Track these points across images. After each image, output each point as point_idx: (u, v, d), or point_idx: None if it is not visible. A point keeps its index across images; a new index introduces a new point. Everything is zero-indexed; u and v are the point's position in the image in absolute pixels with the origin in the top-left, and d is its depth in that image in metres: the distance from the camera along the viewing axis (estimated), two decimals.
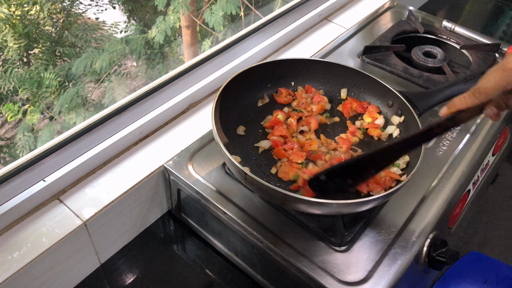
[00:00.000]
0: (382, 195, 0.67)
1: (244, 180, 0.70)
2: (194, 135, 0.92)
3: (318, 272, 0.69)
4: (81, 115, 2.46)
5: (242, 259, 0.83)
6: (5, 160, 2.61)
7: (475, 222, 1.32)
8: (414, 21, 1.24)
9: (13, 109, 2.50)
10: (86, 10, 3.12)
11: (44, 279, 0.74)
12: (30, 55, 2.70)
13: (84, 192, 0.81)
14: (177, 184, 0.84)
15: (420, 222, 0.78)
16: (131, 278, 0.84)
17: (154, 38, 2.63)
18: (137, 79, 2.91)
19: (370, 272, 0.70)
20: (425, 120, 0.96)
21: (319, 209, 0.69)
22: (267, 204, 0.78)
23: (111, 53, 2.61)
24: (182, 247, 0.90)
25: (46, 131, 2.47)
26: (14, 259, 0.70)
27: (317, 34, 1.25)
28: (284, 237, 0.73)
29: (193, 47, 2.73)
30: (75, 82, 2.61)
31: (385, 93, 0.88)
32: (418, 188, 0.83)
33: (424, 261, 0.77)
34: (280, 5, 1.42)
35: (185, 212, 0.90)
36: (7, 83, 2.49)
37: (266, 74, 0.90)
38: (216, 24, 2.48)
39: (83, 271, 0.82)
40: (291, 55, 1.17)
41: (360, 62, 1.13)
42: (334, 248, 0.73)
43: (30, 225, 0.75)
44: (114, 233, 0.84)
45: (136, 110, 0.89)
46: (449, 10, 1.73)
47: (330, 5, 1.31)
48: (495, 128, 0.98)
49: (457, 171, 0.87)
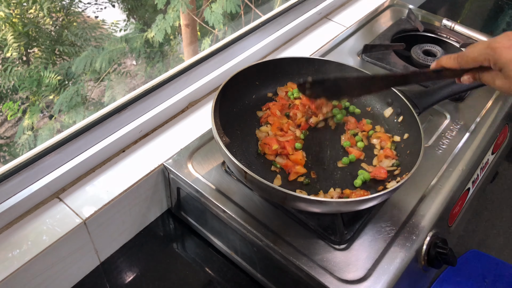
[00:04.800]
0: (382, 194, 0.67)
1: (244, 178, 0.70)
2: (193, 133, 0.92)
3: (318, 271, 0.69)
4: (81, 114, 2.46)
5: (242, 257, 0.83)
6: (5, 158, 2.61)
7: (474, 221, 1.32)
8: (414, 20, 1.24)
9: (12, 108, 2.50)
10: (85, 8, 3.12)
11: (44, 277, 0.74)
12: (29, 54, 2.70)
13: (84, 190, 0.81)
14: (176, 182, 0.85)
15: (419, 221, 0.78)
16: (131, 276, 0.84)
17: (153, 37, 2.62)
18: (137, 78, 2.91)
19: (369, 271, 0.70)
20: (425, 119, 0.96)
21: (318, 207, 0.69)
22: (267, 203, 0.79)
23: (110, 52, 2.61)
24: (182, 246, 0.90)
25: (46, 129, 2.47)
26: (14, 257, 0.70)
27: (317, 33, 1.25)
28: (283, 236, 0.73)
29: (193, 45, 2.73)
30: (74, 80, 2.60)
31: (385, 92, 0.88)
32: (418, 187, 0.83)
33: (424, 260, 0.77)
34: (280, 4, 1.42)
35: (184, 210, 0.90)
36: (6, 81, 2.49)
37: (266, 73, 0.90)
38: (216, 23, 2.48)
39: (82, 269, 0.83)
40: (291, 53, 1.17)
41: (359, 61, 1.13)
42: (333, 246, 0.73)
43: (30, 224, 0.75)
44: (113, 232, 0.84)
45: (135, 108, 0.89)
46: (449, 8, 1.73)
47: (330, 4, 1.31)
48: (494, 126, 0.98)
49: (457, 169, 0.87)
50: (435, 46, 1.14)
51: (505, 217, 1.35)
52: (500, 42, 0.61)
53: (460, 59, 0.65)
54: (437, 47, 1.14)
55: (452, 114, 0.98)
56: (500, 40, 0.61)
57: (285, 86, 0.92)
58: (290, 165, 0.79)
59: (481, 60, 0.63)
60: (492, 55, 0.61)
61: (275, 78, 0.92)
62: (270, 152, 0.80)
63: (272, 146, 0.80)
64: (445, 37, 1.21)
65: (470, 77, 0.66)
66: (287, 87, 0.92)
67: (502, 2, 1.76)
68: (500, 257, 1.22)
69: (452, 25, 1.23)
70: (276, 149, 0.80)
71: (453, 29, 1.23)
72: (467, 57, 0.64)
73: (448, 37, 1.21)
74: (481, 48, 0.63)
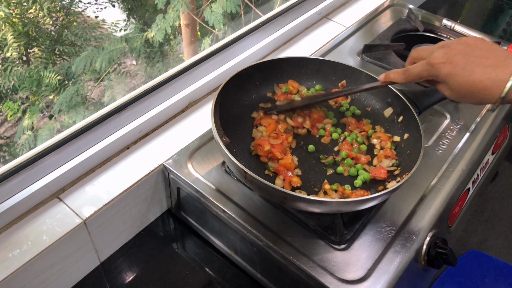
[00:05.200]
0: (382, 194, 0.67)
1: (244, 178, 0.70)
2: (193, 133, 0.92)
3: (318, 271, 0.69)
4: (80, 114, 2.46)
5: (242, 257, 0.83)
6: (5, 158, 2.61)
7: (474, 221, 1.32)
8: (414, 20, 1.24)
9: (12, 108, 2.50)
10: (85, 8, 3.12)
11: (44, 277, 0.74)
12: (29, 54, 2.70)
13: (83, 190, 0.81)
14: (176, 182, 0.85)
15: (419, 221, 0.78)
16: (131, 276, 0.84)
17: (153, 37, 2.62)
18: (137, 78, 2.91)
19: (369, 271, 0.70)
20: (425, 119, 0.96)
21: (318, 207, 0.69)
22: (267, 203, 0.79)
23: (110, 52, 2.61)
24: (182, 246, 0.90)
25: (45, 129, 2.47)
26: (14, 257, 0.70)
27: (317, 33, 1.25)
28: (283, 236, 0.73)
29: (193, 45, 2.73)
30: (74, 80, 2.60)
31: (385, 92, 0.88)
32: (418, 187, 0.83)
33: (424, 260, 0.77)
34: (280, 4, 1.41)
35: (184, 210, 0.90)
36: (6, 81, 2.49)
37: (266, 73, 0.90)
38: (216, 23, 2.48)
39: (82, 269, 0.83)
40: (290, 53, 1.17)
41: (359, 61, 1.13)
42: (333, 246, 0.73)
43: (30, 224, 0.75)
44: (113, 232, 0.84)
45: (135, 108, 0.89)
46: (449, 8, 1.73)
47: (330, 4, 1.31)
48: (494, 126, 0.98)
49: (457, 169, 0.87)
50: None
51: (505, 217, 1.35)
52: (437, 58, 0.63)
53: (406, 75, 0.69)
54: None
55: (452, 114, 0.98)
56: (437, 56, 0.63)
57: (286, 84, 0.92)
58: (281, 170, 0.77)
59: (424, 76, 0.66)
60: (433, 71, 0.64)
61: (275, 78, 0.92)
62: (263, 154, 0.79)
63: (264, 147, 0.79)
64: (445, 37, 1.21)
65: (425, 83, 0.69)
66: (286, 84, 0.92)
67: (502, 2, 1.76)
68: (500, 257, 1.22)
69: (452, 25, 1.23)
70: (268, 150, 0.78)
71: (453, 29, 1.23)
72: (411, 73, 0.67)
73: (448, 37, 1.21)
74: (423, 64, 0.65)
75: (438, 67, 0.62)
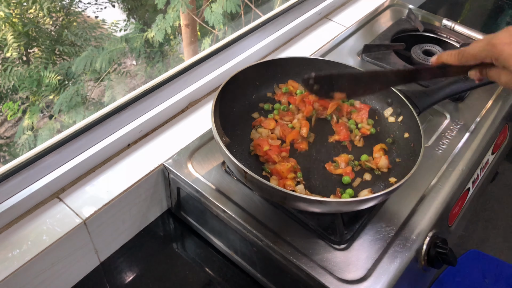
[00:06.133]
0: (382, 194, 0.67)
1: (244, 178, 0.70)
2: (193, 133, 0.92)
3: (318, 271, 0.69)
4: (81, 114, 2.46)
5: (242, 257, 0.83)
6: (5, 158, 2.61)
7: (474, 220, 1.32)
8: (414, 20, 1.24)
9: (12, 108, 2.50)
10: (85, 8, 3.12)
11: (44, 277, 0.74)
12: (29, 54, 2.70)
13: (83, 190, 0.81)
14: (176, 182, 0.85)
15: (419, 221, 0.78)
16: (131, 276, 0.84)
17: (153, 37, 2.63)
18: (137, 78, 2.91)
19: (369, 271, 0.70)
20: (425, 119, 0.96)
21: (318, 207, 0.69)
22: (267, 203, 0.79)
23: (110, 52, 2.61)
24: (182, 246, 0.90)
25: (45, 129, 2.47)
26: (14, 257, 0.70)
27: (317, 33, 1.25)
28: (283, 236, 0.73)
29: (193, 45, 2.73)
30: (74, 80, 2.60)
31: (385, 92, 0.88)
32: (418, 187, 0.83)
33: (424, 260, 0.77)
34: (280, 4, 1.41)
35: (184, 210, 0.90)
36: (6, 81, 2.49)
37: (266, 73, 0.90)
38: (216, 23, 2.48)
39: (82, 269, 0.83)
40: (290, 53, 1.17)
41: (359, 61, 1.13)
42: (333, 246, 0.73)
43: (30, 224, 0.75)
44: (113, 232, 0.84)
45: (135, 108, 0.89)
46: (449, 8, 1.73)
47: (330, 4, 1.31)
48: (494, 126, 0.98)
49: (457, 169, 0.87)
50: (435, 46, 1.14)
51: (505, 217, 1.35)
52: (500, 38, 0.58)
53: (461, 56, 0.63)
54: (437, 47, 1.14)
55: (452, 114, 0.98)
56: (500, 36, 0.58)
57: (286, 84, 0.92)
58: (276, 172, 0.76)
59: (481, 57, 0.61)
60: (493, 51, 0.59)
61: (275, 78, 0.92)
62: (261, 154, 0.79)
63: (263, 147, 0.79)
64: (445, 37, 1.21)
65: (477, 73, 0.64)
66: (286, 85, 0.92)
67: (502, 2, 1.76)
68: (500, 257, 1.22)
69: (452, 25, 1.23)
70: (266, 150, 0.78)
71: (453, 29, 1.23)
72: (467, 54, 0.62)
73: (448, 37, 1.21)
74: (481, 45, 0.60)
75: (500, 48, 0.57)
